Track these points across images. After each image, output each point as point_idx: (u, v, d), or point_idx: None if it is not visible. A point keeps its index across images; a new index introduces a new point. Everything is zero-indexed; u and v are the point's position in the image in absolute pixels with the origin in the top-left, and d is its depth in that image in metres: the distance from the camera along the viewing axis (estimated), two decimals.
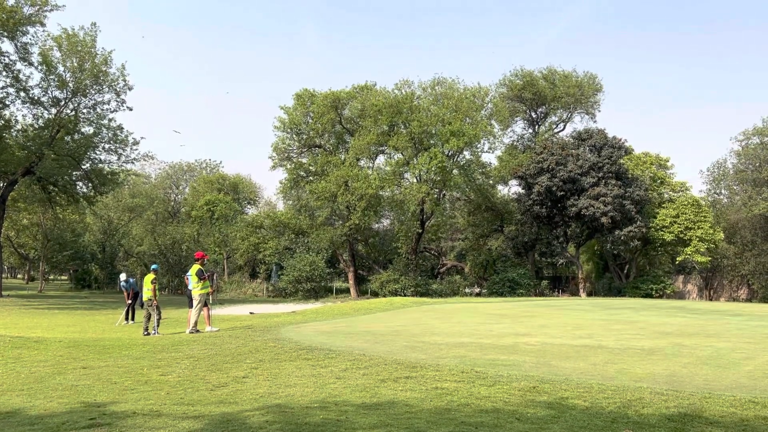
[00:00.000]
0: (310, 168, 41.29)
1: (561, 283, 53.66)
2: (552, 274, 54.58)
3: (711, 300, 46.02)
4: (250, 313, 22.43)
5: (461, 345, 10.94)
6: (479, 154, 40.10)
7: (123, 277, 20.68)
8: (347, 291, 43.70)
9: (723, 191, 47.17)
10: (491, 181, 45.16)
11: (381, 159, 41.97)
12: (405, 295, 34.63)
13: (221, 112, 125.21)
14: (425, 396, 6.61)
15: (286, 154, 41.27)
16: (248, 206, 61.66)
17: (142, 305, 17.63)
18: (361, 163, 40.64)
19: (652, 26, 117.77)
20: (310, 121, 39.85)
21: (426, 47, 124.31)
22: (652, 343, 11.05)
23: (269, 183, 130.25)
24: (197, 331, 14.11)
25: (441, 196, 40.91)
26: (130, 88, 35.48)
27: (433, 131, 37.30)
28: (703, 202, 42.97)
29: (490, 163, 44.22)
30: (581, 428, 5.25)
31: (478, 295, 41.66)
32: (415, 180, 38.97)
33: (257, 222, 45.88)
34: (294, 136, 41.12)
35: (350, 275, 42.89)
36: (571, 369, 8.27)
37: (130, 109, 36.21)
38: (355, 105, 39.47)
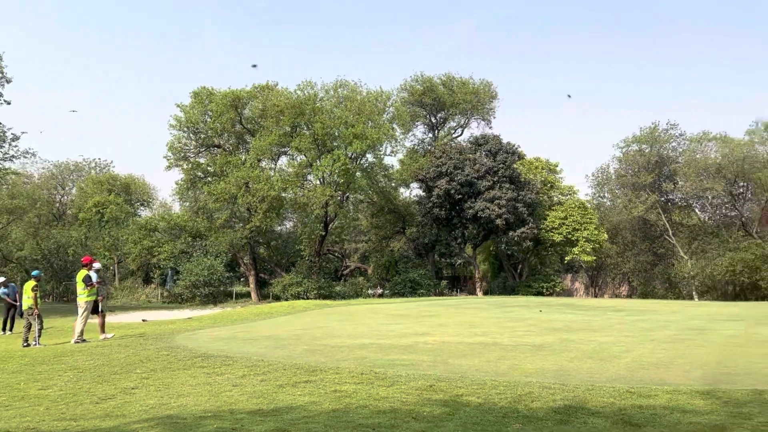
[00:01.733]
0: (209, 168, 39.98)
1: (459, 283, 55.32)
2: (451, 274, 56.15)
3: (596, 297, 49.24)
4: (143, 320, 21.35)
5: (362, 346, 10.98)
6: (382, 157, 40.53)
7: (1, 279, 19.01)
8: (248, 295, 42.70)
9: (606, 195, 50.58)
10: (393, 184, 45.76)
11: (283, 160, 41.44)
12: (308, 298, 34.33)
13: (113, 111, 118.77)
14: (324, 399, 6.56)
15: (182, 154, 39.70)
16: (141, 208, 58.73)
17: (21, 314, 16.30)
18: (263, 164, 39.89)
19: (544, 38, 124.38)
20: (209, 120, 38.58)
21: (327, 51, 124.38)
22: (541, 339, 11.61)
23: (164, 184, 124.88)
24: (83, 340, 13.25)
25: (344, 198, 40.96)
26: (8, 81, 32.77)
27: (337, 133, 37.26)
28: (589, 205, 45.85)
29: (393, 166, 44.83)
30: (474, 425, 5.41)
31: (381, 296, 42.08)
32: (318, 182, 38.74)
33: (151, 224, 43.73)
34: (191, 135, 39.64)
35: (251, 279, 41.97)
36: (467, 366, 8.52)
37: (8, 103, 33.42)
38: (256, 105, 38.68)
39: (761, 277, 33.81)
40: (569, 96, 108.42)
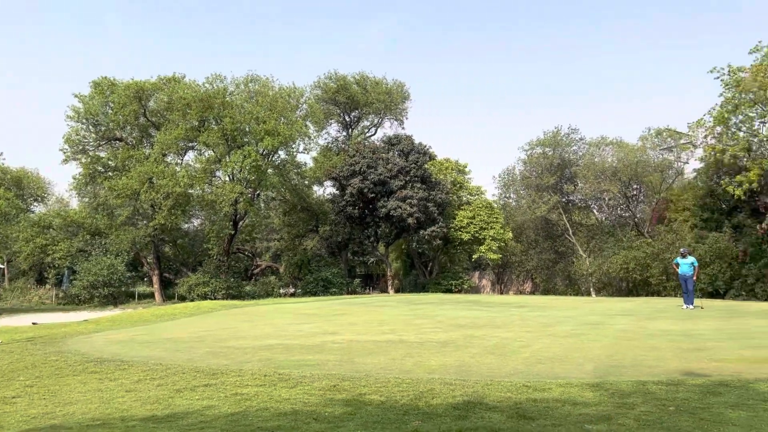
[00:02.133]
0: (110, 163, 37.95)
1: (372, 281, 55.69)
2: (364, 273, 56.40)
3: (502, 293, 51.01)
4: (33, 323, 19.95)
5: (268, 347, 10.77)
6: (294, 154, 40.06)
7: None
8: (152, 296, 40.96)
9: (512, 195, 52.44)
10: (307, 182, 45.36)
11: (190, 155, 40.04)
12: (216, 299, 33.36)
13: (3, 99, 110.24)
14: (222, 403, 6.36)
15: (80, 147, 37.44)
16: (35, 204, 54.97)
17: None
18: (169, 159, 38.35)
19: (455, 41, 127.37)
20: (110, 111, 36.59)
21: (239, 46, 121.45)
22: (447, 336, 11.84)
23: (61, 178, 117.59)
24: None
25: (255, 195, 40.14)
26: None
27: (247, 129, 36.42)
28: (495, 205, 47.39)
29: (306, 163, 44.43)
30: (375, 423, 5.41)
31: (293, 295, 41.61)
32: (227, 179, 37.74)
33: (45, 221, 40.98)
34: (90, 127, 37.45)
35: (155, 279, 40.27)
36: (373, 365, 8.53)
37: None
38: (162, 97, 37.10)
39: (651, 273, 36.12)
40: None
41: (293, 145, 38.66)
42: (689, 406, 5.76)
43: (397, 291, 45.59)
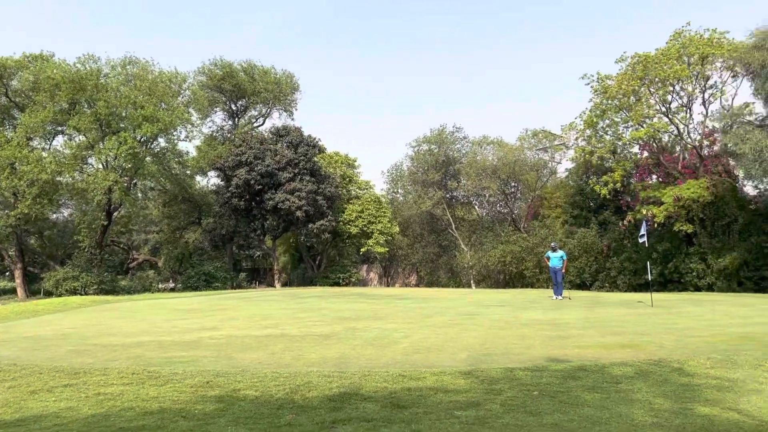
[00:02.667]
0: None
1: (259, 275, 54.63)
2: (250, 266, 55.20)
3: (388, 286, 51.93)
4: None
5: (139, 344, 10.20)
6: (176, 142, 38.26)
7: None
8: (13, 291, 37.63)
9: (400, 190, 53.51)
10: (189, 172, 43.54)
11: (60, 140, 37.13)
12: (86, 294, 31.23)
13: None
14: (83, 404, 5.92)
15: None
16: None
17: None
18: (34, 143, 35.31)
19: (348, 38, 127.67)
20: None
21: (115, 26, 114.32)
22: (329, 329, 11.82)
23: None
24: None
25: (132, 184, 37.96)
26: None
27: (124, 114, 34.33)
28: (384, 200, 48.11)
29: (188, 152, 42.59)
30: (247, 419, 5.27)
31: (173, 290, 39.87)
32: (101, 166, 35.37)
33: None
34: None
35: (17, 273, 36.99)
36: (250, 360, 8.33)
37: None
38: (27, 76, 34.03)
39: (526, 266, 38.25)
40: None
41: (174, 133, 36.96)
42: (551, 390, 6.11)
43: (284, 285, 45.02)
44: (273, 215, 39.99)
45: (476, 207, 50.44)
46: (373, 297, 22.99)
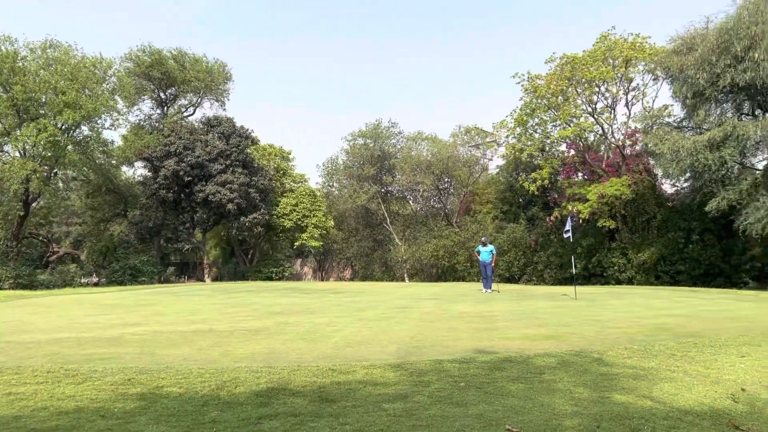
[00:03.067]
0: None
1: (188, 269, 53.25)
2: (179, 261, 53.72)
3: (323, 280, 51.72)
4: None
5: (57, 341, 9.71)
6: (100, 130, 36.66)
7: None
8: None
9: (335, 184, 53.32)
10: (114, 162, 41.87)
11: None
12: (2, 289, 29.52)
13: None
14: None
15: None
16: None
17: None
18: None
19: (283, 30, 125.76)
20: None
21: (40, 11, 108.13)
22: (260, 323, 11.64)
23: None
24: None
25: (52, 174, 36.10)
26: None
27: (44, 99, 32.56)
28: (319, 193, 47.81)
29: (113, 141, 40.88)
30: (170, 416, 5.10)
31: (96, 285, 38.25)
32: (18, 154, 33.45)
33: None
34: None
35: None
36: (175, 356, 8.08)
37: None
38: None
39: (458, 260, 39.01)
40: None
41: (98, 121, 35.38)
42: (477, 381, 6.23)
43: (215, 279, 44.05)
44: (203, 208, 39.00)
45: (411, 202, 50.94)
46: (306, 291, 22.85)
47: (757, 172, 24.05)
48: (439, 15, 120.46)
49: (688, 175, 24.76)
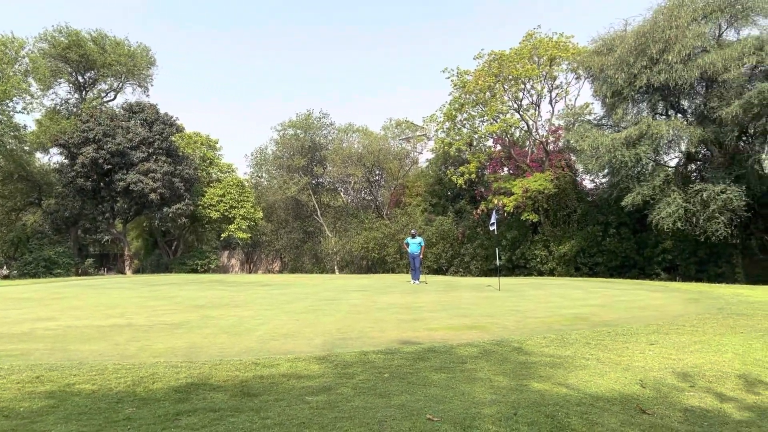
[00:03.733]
0: None
1: (108, 261, 51.16)
2: (99, 252, 51.51)
3: (251, 272, 50.89)
4: None
5: None
6: (11, 114, 34.53)
7: None
8: None
9: (264, 174, 52.46)
10: (27, 148, 39.54)
11: None
12: None
13: None
14: None
15: None
16: None
17: None
18: None
19: (212, 16, 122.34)
20: None
21: None
22: (182, 317, 11.30)
23: None
24: None
25: None
26: None
27: None
28: (247, 184, 46.94)
29: (26, 126, 38.60)
30: (81, 415, 4.87)
31: (6, 277, 36.14)
32: None
33: None
34: None
35: None
36: (90, 352, 7.73)
37: None
38: None
39: (388, 252, 39.31)
40: None
41: (9, 104, 33.27)
42: (401, 372, 6.29)
43: (136, 272, 42.50)
44: (124, 197, 37.47)
45: (342, 194, 50.83)
46: (232, 284, 22.39)
47: (669, 169, 25.45)
48: (373, 7, 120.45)
49: (606, 171, 25.86)
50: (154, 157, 37.14)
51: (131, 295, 17.06)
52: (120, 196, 37.47)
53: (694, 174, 26.84)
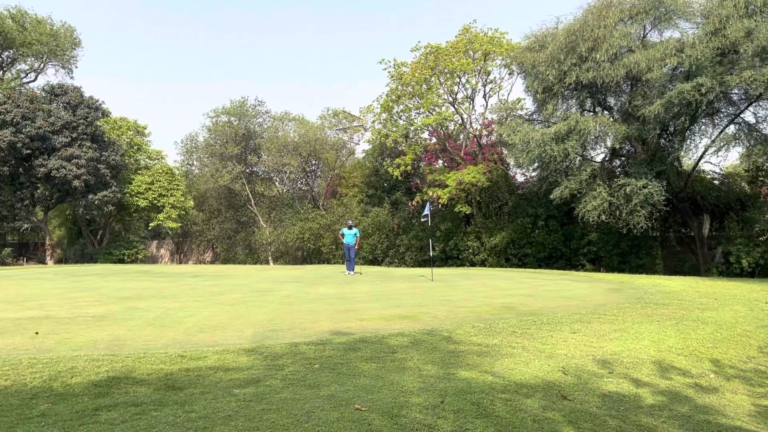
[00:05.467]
0: None
1: (28, 251, 48.59)
2: (18, 241, 48.86)
3: (181, 263, 49.52)
4: None
5: None
6: None
7: None
8: None
9: (195, 162, 51.04)
10: None
11: None
12: None
13: None
14: None
15: None
16: None
17: None
18: None
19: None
20: None
21: None
22: (105, 309, 10.88)
23: None
24: None
25: None
26: None
27: None
28: (177, 172, 45.56)
29: None
30: None
31: None
32: None
33: None
34: None
35: None
36: (4, 345, 7.32)
37: None
38: None
39: (323, 243, 39.13)
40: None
41: None
42: (332, 363, 6.29)
43: (59, 262, 40.60)
44: (45, 184, 35.63)
45: (277, 183, 50.13)
46: (160, 275, 21.75)
47: (595, 164, 26.43)
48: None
49: (536, 165, 26.57)
50: (78, 142, 35.46)
51: (52, 286, 16.30)
52: (41, 183, 35.60)
53: (619, 169, 27.99)
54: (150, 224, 42.53)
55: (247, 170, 46.95)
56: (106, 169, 36.38)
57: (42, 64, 42.29)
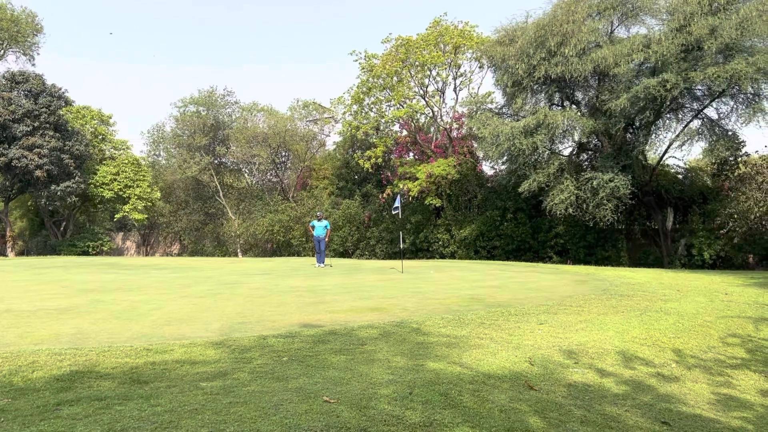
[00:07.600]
0: None
1: None
2: None
3: (148, 255, 48.72)
4: None
5: None
6: None
7: None
8: None
9: (162, 153, 50.18)
10: None
11: None
12: None
13: None
14: None
15: None
16: None
17: None
18: None
19: None
20: None
21: None
22: (69, 302, 10.64)
23: None
24: None
25: None
26: None
27: None
28: (143, 162, 44.72)
29: None
30: None
31: None
32: None
33: None
34: None
35: None
36: None
37: None
38: None
39: (293, 235, 38.88)
40: (110, 33, 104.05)
41: None
42: (301, 355, 6.26)
43: (20, 254, 39.57)
44: (6, 174, 34.65)
45: (246, 175, 49.62)
46: (126, 267, 21.35)
47: (563, 158, 26.79)
48: None
49: (505, 158, 26.79)
50: (41, 131, 34.53)
51: (12, 279, 15.87)
52: (1, 173, 34.60)
53: (586, 163, 28.42)
54: (115, 216, 41.72)
55: (216, 161, 46.32)
56: (70, 159, 35.53)
57: (2, 51, 40.99)
